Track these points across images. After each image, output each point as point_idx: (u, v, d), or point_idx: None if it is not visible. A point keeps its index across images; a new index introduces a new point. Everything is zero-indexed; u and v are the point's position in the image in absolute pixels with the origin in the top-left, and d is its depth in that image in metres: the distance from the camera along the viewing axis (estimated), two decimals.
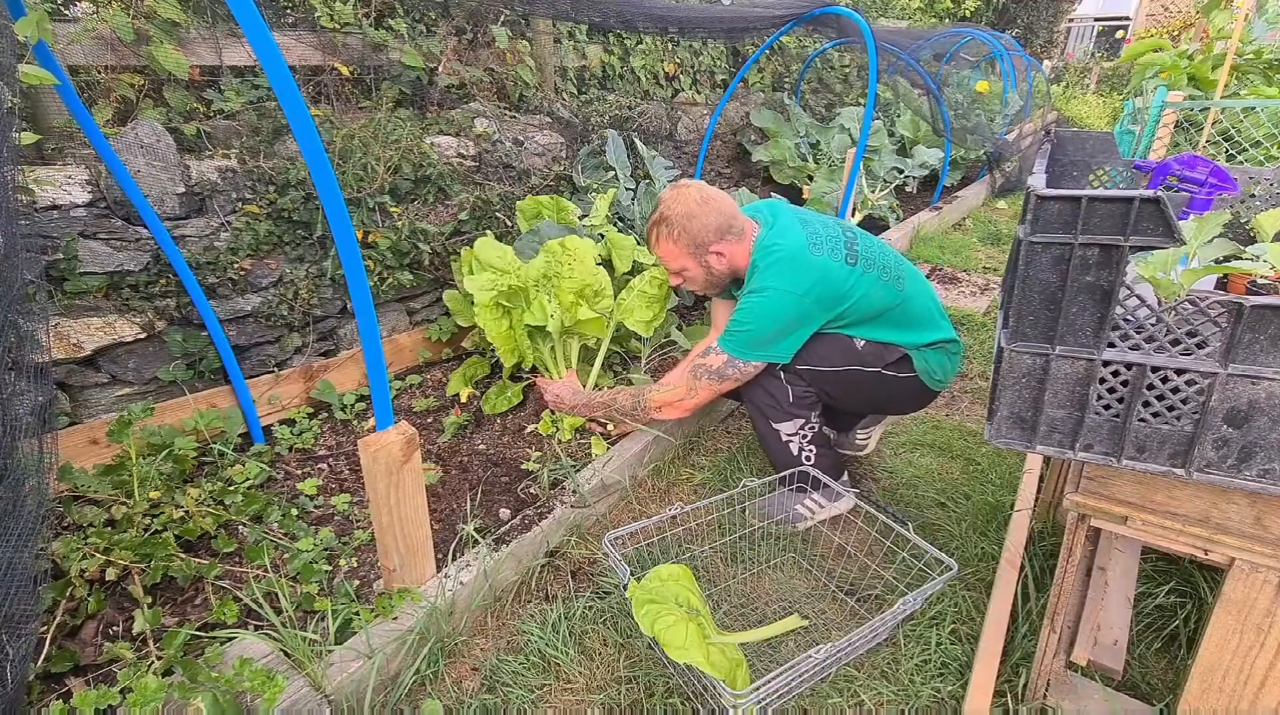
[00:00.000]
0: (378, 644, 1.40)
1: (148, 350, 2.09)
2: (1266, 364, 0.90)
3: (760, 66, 5.55)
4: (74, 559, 1.49)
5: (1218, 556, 1.05)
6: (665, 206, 1.80)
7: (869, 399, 1.91)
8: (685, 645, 1.28)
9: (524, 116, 3.35)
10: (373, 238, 2.49)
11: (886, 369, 1.78)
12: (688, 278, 1.88)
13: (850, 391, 1.82)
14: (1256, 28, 4.44)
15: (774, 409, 1.81)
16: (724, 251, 1.80)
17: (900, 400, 1.91)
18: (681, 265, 1.84)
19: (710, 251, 1.80)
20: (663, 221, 1.80)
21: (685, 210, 1.77)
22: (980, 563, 1.74)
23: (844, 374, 1.78)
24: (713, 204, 1.78)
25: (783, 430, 1.82)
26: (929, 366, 1.81)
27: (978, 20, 10.26)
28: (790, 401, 1.79)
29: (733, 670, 1.31)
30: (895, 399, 1.89)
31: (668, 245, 1.82)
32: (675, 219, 1.78)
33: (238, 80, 2.48)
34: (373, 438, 1.35)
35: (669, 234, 1.80)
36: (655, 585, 1.46)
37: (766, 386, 1.80)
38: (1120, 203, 0.91)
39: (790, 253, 1.71)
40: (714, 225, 1.77)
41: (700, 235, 1.77)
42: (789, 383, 1.78)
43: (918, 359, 1.80)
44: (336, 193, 1.12)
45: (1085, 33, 18.55)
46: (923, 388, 1.84)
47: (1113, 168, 1.60)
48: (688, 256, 1.82)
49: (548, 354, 2.38)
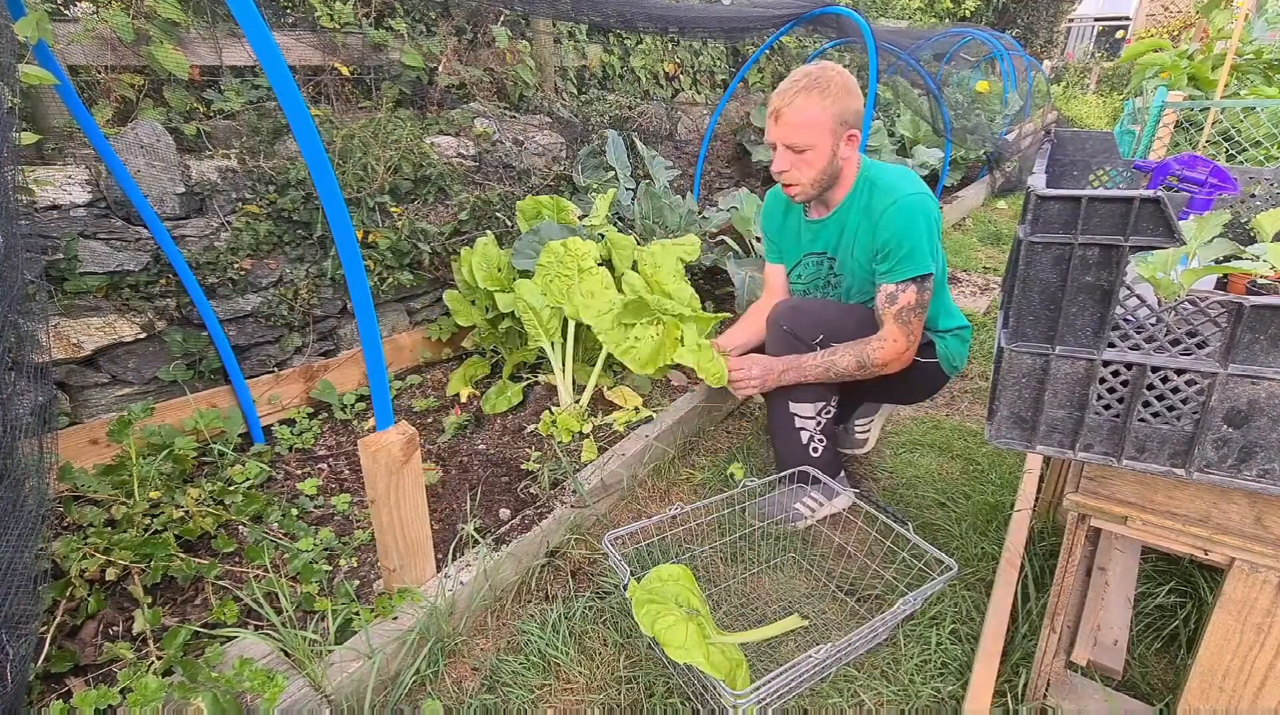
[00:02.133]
0: (378, 644, 1.40)
1: (148, 350, 2.09)
2: (1266, 364, 0.90)
3: (760, 66, 5.54)
4: (74, 559, 1.49)
5: (1218, 556, 1.05)
6: (822, 73, 1.65)
7: (890, 384, 1.90)
8: (686, 645, 1.28)
9: (524, 116, 3.35)
10: (373, 238, 2.49)
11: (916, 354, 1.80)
12: (809, 160, 1.70)
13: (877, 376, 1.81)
14: (1256, 28, 4.43)
15: (800, 387, 1.80)
16: (856, 140, 1.71)
17: (917, 387, 1.93)
18: (815, 140, 1.67)
19: (848, 134, 1.69)
20: (819, 85, 1.64)
21: (845, 84, 1.65)
22: (980, 563, 1.74)
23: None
24: (858, 95, 1.69)
25: (800, 412, 1.82)
26: (949, 352, 1.85)
27: (978, 20, 10.26)
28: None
29: (733, 670, 1.31)
30: (914, 385, 1.92)
31: (814, 112, 1.64)
32: (834, 87, 1.64)
33: (238, 80, 2.48)
34: (373, 438, 1.35)
35: (823, 96, 1.63)
36: (655, 585, 1.46)
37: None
38: (1120, 203, 0.91)
39: (904, 170, 1.71)
40: (859, 111, 1.69)
41: (849, 113, 1.67)
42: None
43: (940, 344, 1.84)
44: (336, 193, 1.12)
45: (1085, 33, 18.56)
46: (939, 374, 1.88)
47: (1113, 168, 1.60)
48: (828, 131, 1.67)
49: (552, 353, 2.37)
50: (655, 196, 3.19)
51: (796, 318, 1.83)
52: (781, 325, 1.83)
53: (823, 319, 1.81)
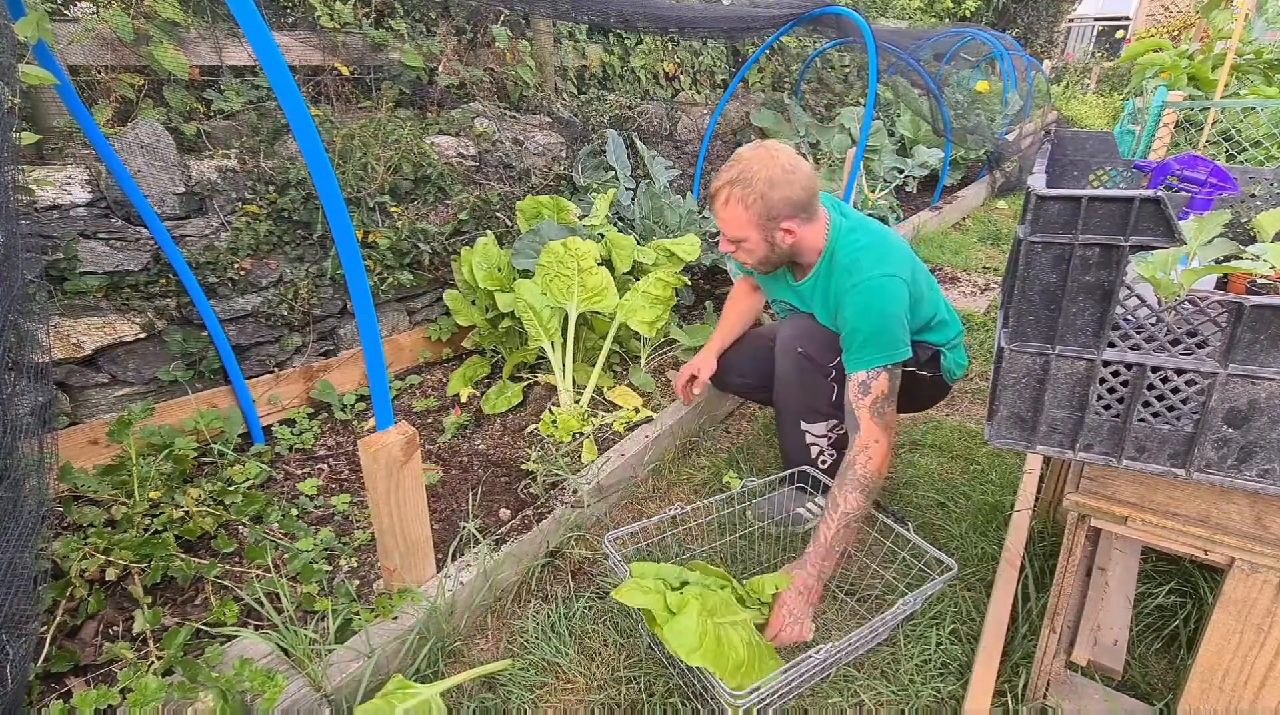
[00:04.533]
0: (378, 644, 1.40)
1: (148, 350, 2.09)
2: (1266, 364, 0.90)
3: (760, 66, 5.54)
4: (74, 559, 1.49)
5: (1218, 557, 1.05)
6: (746, 167, 1.58)
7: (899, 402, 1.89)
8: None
9: (524, 116, 3.35)
10: (373, 238, 2.49)
11: (920, 368, 1.79)
12: (745, 249, 1.69)
13: None
14: (1256, 28, 4.44)
15: (811, 410, 1.76)
16: (795, 230, 1.63)
17: (922, 398, 1.93)
18: (744, 235, 1.65)
19: (781, 227, 1.62)
20: (740, 182, 1.58)
21: (769, 177, 1.57)
22: (980, 563, 1.74)
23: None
24: (799, 176, 1.59)
25: (812, 431, 1.79)
26: (950, 363, 1.84)
27: (978, 20, 10.25)
28: (833, 401, 1.73)
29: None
30: (919, 398, 1.91)
31: (737, 210, 1.61)
32: (756, 183, 1.57)
33: (238, 80, 2.48)
34: (373, 438, 1.35)
35: (743, 199, 1.59)
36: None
37: (812, 384, 1.73)
38: (1120, 203, 0.91)
39: (880, 238, 1.63)
40: (794, 200, 1.59)
41: (778, 208, 1.59)
42: (835, 382, 1.73)
43: (944, 357, 1.83)
44: (336, 193, 1.12)
45: (1085, 33, 18.55)
46: (942, 385, 1.87)
47: (1113, 168, 1.60)
48: (755, 227, 1.62)
49: (552, 353, 2.37)
50: (655, 196, 3.19)
51: (811, 339, 1.72)
52: (797, 348, 1.73)
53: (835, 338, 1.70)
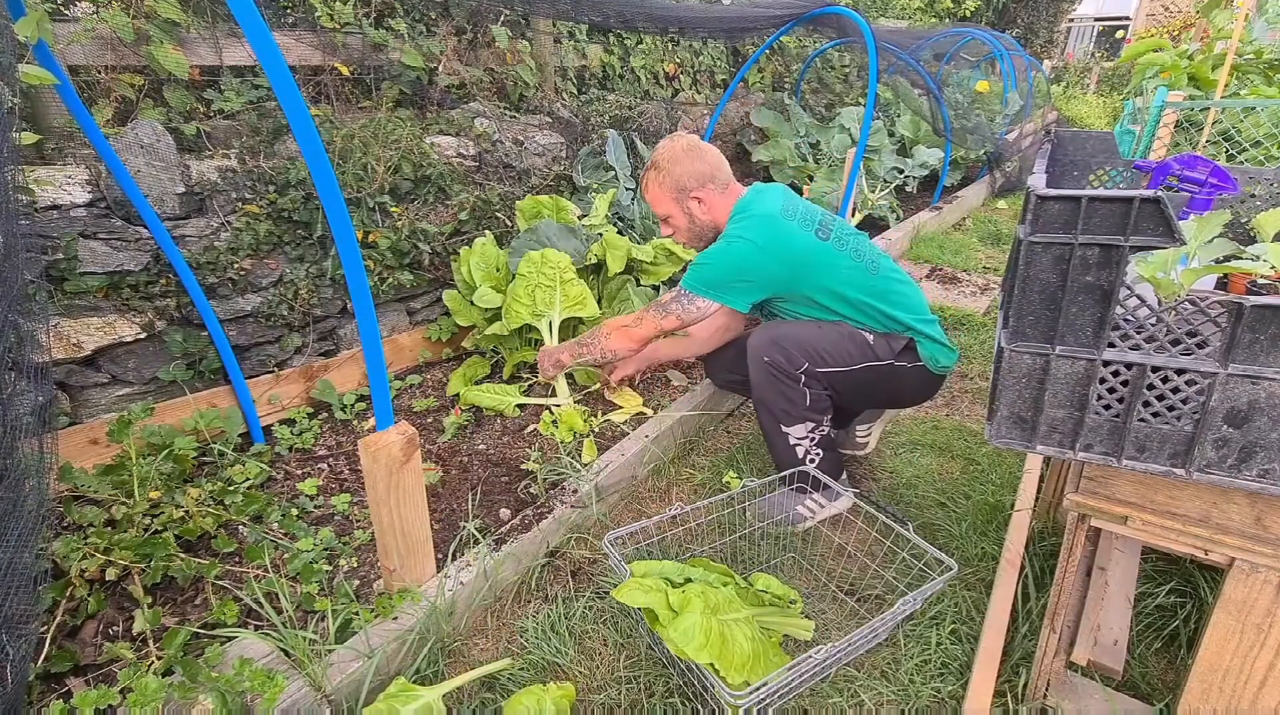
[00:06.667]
0: (377, 644, 1.40)
1: (148, 350, 2.09)
2: (1267, 364, 0.90)
3: (760, 66, 5.54)
4: (74, 559, 1.49)
5: (1218, 557, 1.05)
6: (657, 154, 1.91)
7: (882, 394, 1.92)
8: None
9: (524, 116, 3.35)
10: (373, 238, 2.49)
11: (898, 360, 1.82)
12: (673, 225, 1.97)
13: (865, 388, 1.84)
14: (1256, 28, 4.43)
15: (788, 414, 1.82)
16: (705, 199, 1.90)
17: (910, 392, 1.94)
18: (667, 211, 1.94)
19: (691, 197, 1.89)
20: (652, 166, 1.91)
21: (671, 155, 1.88)
22: (980, 563, 1.74)
23: (860, 372, 1.80)
24: (699, 153, 1.88)
25: (793, 433, 1.83)
26: (932, 353, 1.85)
27: (978, 20, 10.26)
28: (807, 405, 1.80)
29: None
30: (905, 391, 1.92)
31: (654, 189, 1.92)
32: (661, 163, 1.89)
33: (238, 80, 2.48)
34: (373, 438, 1.35)
35: (655, 177, 1.90)
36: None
37: (784, 390, 1.79)
38: (1120, 203, 0.91)
39: (762, 212, 1.83)
40: (697, 171, 1.87)
41: (683, 179, 1.87)
42: (807, 387, 1.79)
43: (922, 346, 1.84)
44: (336, 193, 1.12)
45: (1085, 33, 18.55)
46: (929, 376, 1.87)
47: (1113, 168, 1.60)
48: (671, 201, 1.91)
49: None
50: None
51: (775, 347, 1.78)
52: (763, 358, 1.79)
53: (802, 342, 1.78)
